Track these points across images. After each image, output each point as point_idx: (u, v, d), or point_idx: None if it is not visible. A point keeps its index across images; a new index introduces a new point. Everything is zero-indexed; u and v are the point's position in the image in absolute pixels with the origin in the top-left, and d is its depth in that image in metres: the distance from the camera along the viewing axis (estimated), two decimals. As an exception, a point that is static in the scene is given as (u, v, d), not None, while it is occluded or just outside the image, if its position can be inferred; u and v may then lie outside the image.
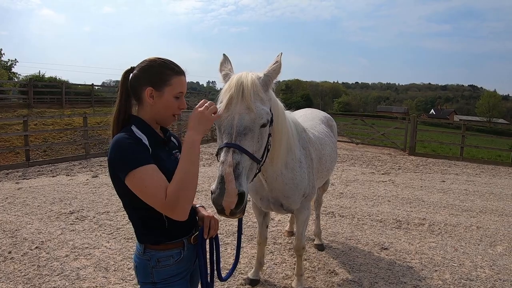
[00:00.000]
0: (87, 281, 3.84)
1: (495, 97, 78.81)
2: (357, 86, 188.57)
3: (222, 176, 1.82)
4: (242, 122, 1.98)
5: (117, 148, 1.57)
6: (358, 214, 6.35)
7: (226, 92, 2.05)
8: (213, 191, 1.83)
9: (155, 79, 1.70)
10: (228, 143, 1.93)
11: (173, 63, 1.76)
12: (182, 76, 1.75)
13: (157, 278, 1.72)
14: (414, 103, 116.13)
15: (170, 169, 1.66)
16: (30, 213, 6.05)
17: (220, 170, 1.85)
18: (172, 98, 1.72)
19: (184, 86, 1.76)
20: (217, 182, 1.82)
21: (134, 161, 1.54)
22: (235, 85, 2.03)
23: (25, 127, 11.04)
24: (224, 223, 5.62)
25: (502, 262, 4.62)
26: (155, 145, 1.70)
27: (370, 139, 17.33)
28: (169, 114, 1.75)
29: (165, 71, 1.71)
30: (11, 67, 28.86)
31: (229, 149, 1.91)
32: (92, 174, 9.25)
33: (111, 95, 29.17)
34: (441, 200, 7.58)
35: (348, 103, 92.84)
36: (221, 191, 1.79)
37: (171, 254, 1.73)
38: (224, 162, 1.86)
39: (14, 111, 17.63)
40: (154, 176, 1.54)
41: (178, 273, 1.76)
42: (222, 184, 1.80)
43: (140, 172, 1.53)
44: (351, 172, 10.38)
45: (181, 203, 1.52)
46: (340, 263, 4.42)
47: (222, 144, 1.97)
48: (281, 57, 2.30)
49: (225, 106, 2.01)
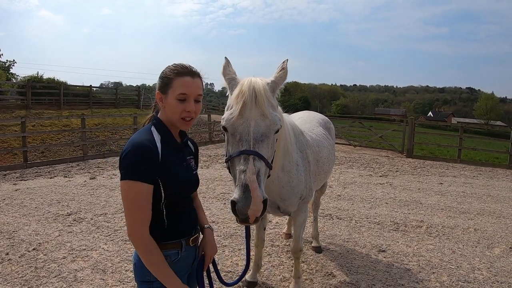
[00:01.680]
0: (85, 283, 3.83)
1: (492, 100, 79.05)
2: (355, 89, 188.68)
3: (247, 185, 1.80)
4: (259, 129, 1.97)
5: (130, 149, 1.61)
6: (356, 216, 6.35)
7: (239, 98, 2.01)
8: (237, 201, 1.79)
9: (162, 83, 1.74)
10: (248, 150, 1.90)
11: (182, 65, 1.75)
12: (186, 77, 1.71)
13: (154, 276, 1.73)
14: (412, 106, 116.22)
15: (179, 174, 1.72)
16: (27, 215, 6.03)
17: (243, 179, 1.82)
18: (175, 101, 1.69)
19: (188, 87, 1.70)
20: (241, 191, 1.80)
21: (134, 172, 1.58)
22: (248, 90, 2.01)
23: (23, 128, 11.04)
24: (222, 225, 5.62)
25: (500, 264, 4.63)
26: (168, 147, 1.73)
27: (368, 141, 17.37)
28: (176, 117, 1.72)
29: (168, 73, 1.73)
30: (9, 68, 28.74)
31: (249, 156, 1.88)
32: (90, 176, 9.23)
33: (109, 96, 29.19)
34: (438, 202, 7.60)
35: (346, 106, 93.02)
36: (247, 200, 1.77)
37: (168, 254, 1.74)
38: (246, 170, 1.84)
39: (12, 112, 17.60)
40: (143, 197, 1.59)
41: (175, 273, 1.76)
42: (248, 193, 1.78)
43: (133, 186, 1.58)
44: (349, 175, 10.40)
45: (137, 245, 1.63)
46: (338, 265, 4.42)
47: (238, 151, 1.93)
48: (287, 64, 2.31)
49: (239, 112, 1.98)
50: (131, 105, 26.85)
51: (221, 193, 7.60)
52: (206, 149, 14.89)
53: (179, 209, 1.80)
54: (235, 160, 1.93)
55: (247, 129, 1.96)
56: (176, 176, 1.71)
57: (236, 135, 1.98)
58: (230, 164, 1.99)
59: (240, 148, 1.93)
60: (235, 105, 2.02)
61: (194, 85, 1.72)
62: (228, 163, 2.04)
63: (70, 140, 14.67)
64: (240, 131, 1.97)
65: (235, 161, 1.93)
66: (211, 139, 17.04)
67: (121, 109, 24.00)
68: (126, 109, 24.38)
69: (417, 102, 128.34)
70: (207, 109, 31.07)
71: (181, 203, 1.82)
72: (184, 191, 1.81)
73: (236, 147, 1.97)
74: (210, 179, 8.93)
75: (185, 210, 1.85)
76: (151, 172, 1.61)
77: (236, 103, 2.01)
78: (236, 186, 1.86)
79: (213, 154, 13.36)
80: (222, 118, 2.05)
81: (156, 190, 1.66)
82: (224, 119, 2.03)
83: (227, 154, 2.08)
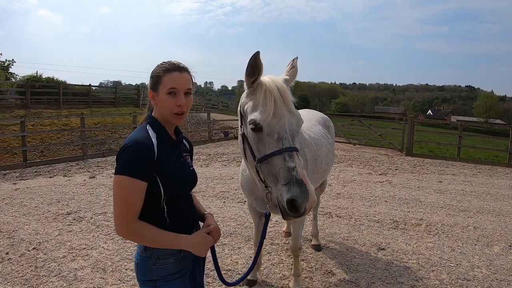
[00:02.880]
0: (85, 282, 3.83)
1: (492, 98, 79.04)
2: (355, 87, 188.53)
3: (301, 180, 1.83)
4: (292, 126, 2.02)
5: (128, 145, 1.64)
6: (355, 214, 6.36)
7: (268, 96, 2.03)
8: (296, 198, 1.80)
9: (152, 81, 1.78)
10: (291, 147, 1.94)
11: (169, 62, 1.78)
12: (174, 72, 1.74)
13: (157, 275, 1.74)
14: (411, 104, 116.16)
15: (177, 170, 1.75)
16: (27, 214, 6.03)
17: (296, 175, 1.84)
18: (165, 96, 1.73)
19: (177, 81, 1.73)
20: (298, 187, 1.81)
21: (131, 169, 1.61)
22: (275, 88, 2.03)
23: (22, 128, 11.03)
24: (221, 224, 5.63)
25: (499, 262, 4.64)
26: (164, 144, 1.75)
27: (368, 139, 17.36)
28: (168, 112, 1.75)
29: (157, 71, 1.77)
30: (8, 67, 28.65)
31: (293, 152, 1.92)
32: (90, 175, 9.23)
33: (108, 95, 29.13)
34: (438, 200, 7.60)
35: (345, 104, 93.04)
36: (305, 194, 1.81)
37: (171, 252, 1.75)
38: (296, 167, 1.86)
39: (11, 111, 17.57)
40: (135, 193, 1.62)
41: (177, 271, 1.78)
42: (304, 187, 1.82)
43: (126, 180, 1.61)
44: (349, 173, 10.40)
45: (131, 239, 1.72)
46: (337, 263, 4.43)
47: (280, 149, 1.93)
48: (297, 62, 2.34)
49: (273, 112, 2.00)
50: (131, 104, 26.80)
51: (220, 191, 7.61)
52: (205, 147, 14.88)
53: (179, 207, 1.82)
54: (276, 159, 1.93)
55: (283, 127, 1.98)
56: (173, 172, 1.74)
57: (274, 134, 1.98)
58: (265, 163, 1.97)
59: (281, 146, 1.94)
60: (266, 104, 2.03)
61: (182, 79, 1.75)
62: (259, 164, 2.01)
63: (70, 139, 14.65)
64: (278, 130, 1.98)
65: (276, 159, 1.93)
66: (210, 138, 17.02)
67: (120, 108, 23.95)
68: (126, 108, 24.32)
69: (416, 101, 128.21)
70: (206, 107, 31.07)
71: (181, 201, 1.83)
72: (183, 187, 1.82)
73: (274, 146, 1.96)
74: (210, 177, 8.93)
75: (185, 207, 1.87)
76: (148, 169, 1.64)
77: (266, 103, 2.03)
78: (284, 184, 1.86)
79: (212, 153, 13.35)
80: (253, 119, 2.02)
81: (155, 187, 1.68)
82: (258, 119, 2.00)
83: (256, 154, 2.04)
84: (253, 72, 2.10)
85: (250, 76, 2.11)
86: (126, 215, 1.62)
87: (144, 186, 1.64)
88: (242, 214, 6.12)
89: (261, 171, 2.02)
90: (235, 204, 6.80)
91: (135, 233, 1.65)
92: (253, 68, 2.09)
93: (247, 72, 2.10)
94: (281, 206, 1.88)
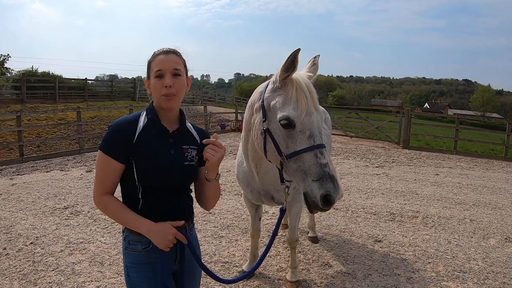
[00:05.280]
0: (83, 275, 3.84)
1: (489, 92, 79.05)
2: (352, 80, 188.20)
3: (333, 175, 1.87)
4: (319, 123, 2.04)
5: (112, 125, 1.77)
6: (352, 206, 6.39)
7: (300, 93, 2.02)
8: (331, 193, 1.83)
9: (147, 70, 1.82)
10: (322, 144, 1.97)
11: (159, 49, 1.82)
12: (160, 56, 1.76)
13: (129, 261, 1.77)
14: (408, 97, 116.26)
15: (155, 158, 1.72)
16: (24, 209, 6.02)
17: (328, 171, 1.88)
18: (154, 80, 1.75)
19: (162, 63, 1.73)
20: (331, 183, 1.85)
21: (106, 145, 1.71)
22: (305, 85, 2.04)
23: (18, 123, 10.96)
24: (218, 216, 5.64)
25: (495, 254, 4.68)
26: (150, 131, 1.75)
27: (365, 132, 17.39)
28: (157, 95, 1.75)
29: (149, 60, 1.81)
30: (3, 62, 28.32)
31: (323, 149, 1.95)
32: (86, 169, 9.21)
33: (104, 89, 28.97)
34: (434, 193, 7.64)
35: (342, 97, 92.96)
36: (337, 189, 1.85)
37: (140, 240, 1.72)
38: (328, 162, 1.90)
39: (7, 106, 17.47)
40: (108, 170, 1.70)
41: (147, 261, 1.75)
42: (336, 182, 1.86)
43: (102, 156, 1.71)
44: (345, 165, 10.42)
45: (100, 210, 1.77)
46: (334, 255, 4.45)
47: (312, 146, 1.94)
48: (318, 60, 2.33)
49: (304, 109, 2.00)
50: (127, 97, 26.67)
51: (218, 185, 7.59)
52: (202, 141, 14.84)
53: (159, 202, 1.75)
54: (308, 155, 1.93)
55: (313, 124, 2.00)
56: (151, 160, 1.70)
57: (306, 131, 1.97)
58: (295, 159, 1.96)
59: (313, 143, 1.95)
60: (299, 101, 2.02)
61: (168, 60, 1.74)
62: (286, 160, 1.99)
63: (66, 133, 14.62)
64: (309, 127, 1.98)
65: (307, 156, 1.93)
66: (207, 131, 16.99)
67: (116, 101, 23.82)
68: (122, 101, 24.21)
69: (413, 94, 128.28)
70: (203, 100, 30.97)
71: (160, 197, 1.75)
72: (158, 177, 1.72)
73: (305, 143, 1.95)
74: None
75: (167, 203, 1.77)
76: (123, 151, 1.70)
77: (299, 100, 2.02)
78: (315, 180, 1.86)
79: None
80: (286, 115, 1.99)
81: (130, 173, 1.71)
82: (292, 116, 1.98)
83: (284, 150, 2.01)
84: (290, 68, 2.06)
85: (285, 72, 2.07)
86: (98, 186, 1.72)
87: (118, 166, 1.70)
88: (239, 207, 6.13)
89: (288, 167, 2.01)
90: (232, 196, 6.81)
91: (102, 204, 1.72)
92: (291, 64, 2.04)
93: (284, 67, 2.05)
94: (310, 201, 1.89)
